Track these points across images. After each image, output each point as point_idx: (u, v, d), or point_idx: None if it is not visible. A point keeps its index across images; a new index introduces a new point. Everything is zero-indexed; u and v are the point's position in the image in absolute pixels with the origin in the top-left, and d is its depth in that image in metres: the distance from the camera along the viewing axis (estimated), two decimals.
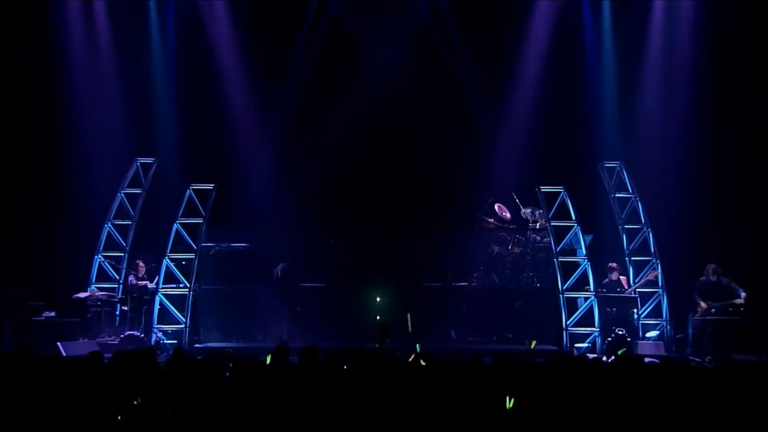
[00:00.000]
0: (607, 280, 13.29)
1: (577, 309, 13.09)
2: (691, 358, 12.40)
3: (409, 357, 7.67)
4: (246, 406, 5.66)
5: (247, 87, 16.06)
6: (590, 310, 12.86)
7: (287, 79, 16.08)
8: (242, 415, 5.58)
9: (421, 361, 7.13)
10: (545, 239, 14.00)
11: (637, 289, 13.42)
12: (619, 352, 7.44)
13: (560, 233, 13.27)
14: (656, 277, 13.43)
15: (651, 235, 13.75)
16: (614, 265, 13.44)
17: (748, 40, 14.50)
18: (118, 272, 13.90)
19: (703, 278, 12.70)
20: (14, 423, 5.33)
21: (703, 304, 12.57)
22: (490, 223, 14.85)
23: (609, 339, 12.70)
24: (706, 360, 11.79)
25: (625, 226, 14.02)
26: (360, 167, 15.97)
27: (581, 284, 13.10)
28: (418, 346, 9.45)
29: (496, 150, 16.02)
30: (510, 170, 15.67)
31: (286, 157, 15.96)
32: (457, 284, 14.36)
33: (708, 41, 14.80)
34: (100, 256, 13.84)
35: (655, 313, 13.58)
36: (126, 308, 13.14)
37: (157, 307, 13.08)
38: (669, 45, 15.40)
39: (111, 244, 13.99)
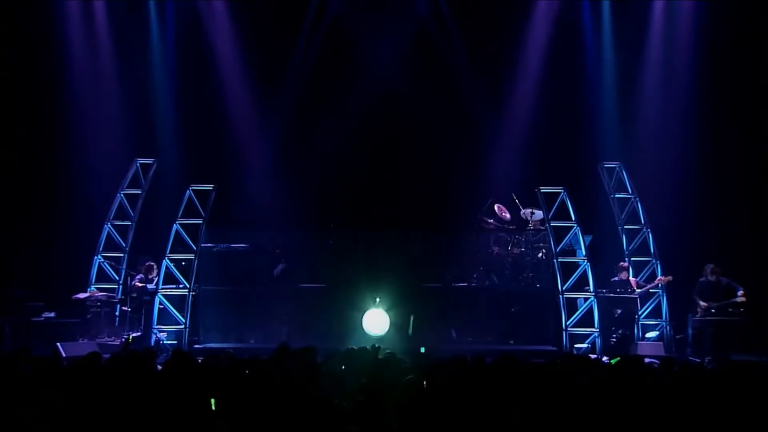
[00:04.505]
0: (617, 278, 13.26)
1: (577, 309, 13.08)
2: (690, 358, 12.39)
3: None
4: (245, 405, 5.65)
5: (247, 87, 16.06)
6: (590, 310, 12.84)
7: (287, 79, 16.10)
8: (242, 415, 5.58)
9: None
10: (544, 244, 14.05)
11: (640, 290, 13.38)
12: (613, 361, 7.44)
13: (560, 234, 13.26)
14: (668, 281, 13.41)
15: (651, 235, 13.75)
16: (625, 264, 13.40)
17: (747, 40, 14.50)
18: (118, 273, 13.90)
19: (702, 279, 12.69)
20: (9, 424, 5.33)
21: (702, 304, 12.56)
22: (490, 223, 14.83)
23: (613, 339, 12.72)
24: (706, 360, 11.78)
25: (625, 227, 14.02)
26: (360, 168, 15.95)
27: (581, 285, 13.09)
28: (422, 348, 9.46)
29: (495, 150, 16.03)
30: (510, 171, 15.67)
31: (286, 157, 15.96)
32: (457, 285, 14.35)
33: (708, 41, 14.81)
34: (99, 257, 13.85)
35: (655, 313, 13.59)
36: (126, 309, 13.14)
37: (156, 307, 13.07)
38: (669, 45, 15.41)
39: (111, 245, 13.99)
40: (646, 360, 8.96)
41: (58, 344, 11.98)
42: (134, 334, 12.63)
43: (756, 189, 14.54)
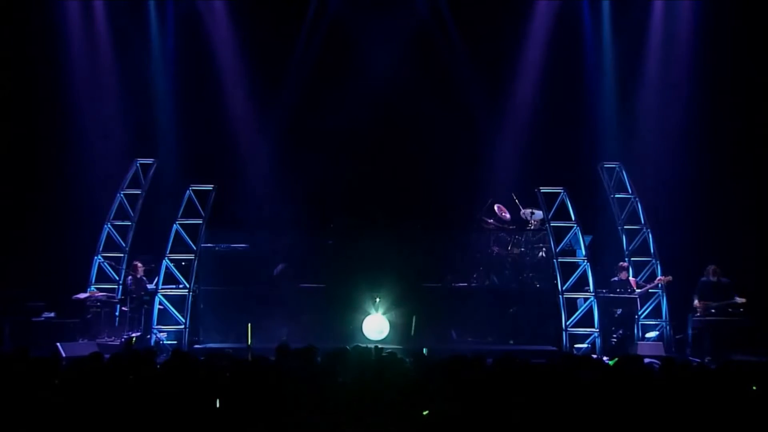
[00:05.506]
0: (616, 278, 13.26)
1: (577, 309, 13.08)
2: (690, 358, 12.39)
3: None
4: (244, 405, 5.65)
5: (247, 87, 16.07)
6: (590, 310, 12.85)
7: (287, 79, 16.09)
8: (240, 415, 5.58)
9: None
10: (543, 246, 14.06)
11: (640, 290, 13.38)
12: (611, 362, 7.45)
13: (560, 234, 13.27)
14: (668, 281, 13.43)
15: (650, 235, 13.77)
16: (624, 264, 13.40)
17: (747, 39, 14.50)
18: (118, 273, 13.90)
19: (704, 278, 12.74)
20: (8, 424, 5.34)
21: (697, 303, 12.62)
22: (490, 223, 14.83)
23: (613, 339, 12.73)
24: (706, 360, 11.77)
25: (625, 227, 14.03)
26: (359, 168, 15.95)
27: (581, 285, 13.10)
28: (425, 350, 9.45)
29: (495, 150, 16.03)
30: (510, 171, 15.68)
31: (285, 157, 15.96)
32: (457, 285, 14.35)
33: (707, 41, 14.81)
34: (99, 257, 13.85)
35: (655, 313, 13.60)
36: (126, 309, 13.14)
37: (156, 307, 13.07)
38: (669, 45, 15.41)
39: (111, 245, 13.99)
40: (646, 360, 8.97)
41: (58, 344, 12.01)
42: (134, 335, 12.65)
43: (756, 189, 14.53)
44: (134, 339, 12.37)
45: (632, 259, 13.87)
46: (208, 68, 15.94)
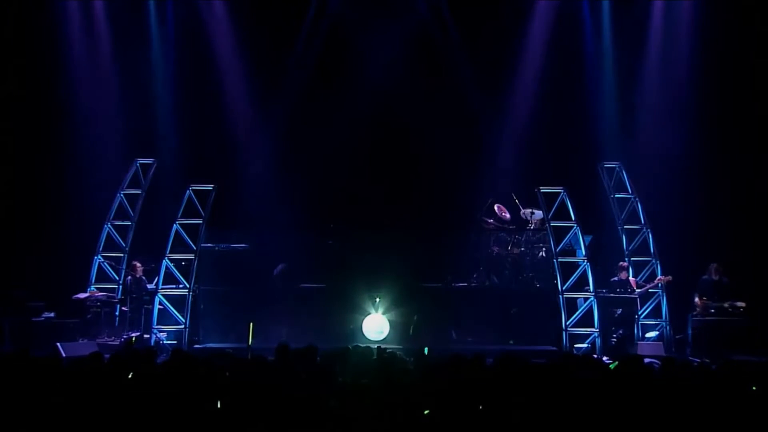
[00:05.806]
0: (616, 278, 13.25)
1: (577, 309, 13.08)
2: (690, 358, 12.39)
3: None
4: (244, 405, 5.65)
5: (247, 87, 16.07)
6: (590, 310, 12.85)
7: (287, 79, 16.08)
8: (240, 415, 5.58)
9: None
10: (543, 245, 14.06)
11: (640, 290, 13.38)
12: (612, 366, 7.45)
13: (560, 234, 13.26)
14: (668, 281, 13.44)
15: (651, 235, 13.77)
16: (624, 264, 13.39)
17: (746, 39, 14.50)
18: (118, 273, 13.91)
19: (705, 276, 12.76)
20: (9, 424, 5.34)
21: (697, 301, 12.62)
22: (490, 223, 14.84)
23: (613, 339, 12.74)
24: (706, 360, 11.75)
25: (625, 227, 14.03)
26: (359, 168, 15.95)
27: (581, 285, 13.09)
28: (426, 349, 9.46)
29: (495, 150, 16.03)
30: (510, 171, 15.68)
31: (286, 157, 15.96)
32: (457, 285, 14.35)
33: (707, 41, 14.81)
34: (99, 257, 13.85)
35: (655, 313, 13.61)
36: (126, 309, 13.14)
37: (156, 307, 13.07)
38: (669, 45, 15.41)
39: (111, 245, 14.00)
40: (646, 360, 8.98)
41: (58, 344, 12.00)
42: (134, 335, 12.66)
43: (756, 189, 14.53)
44: (134, 339, 12.37)
45: (632, 259, 13.87)
46: (208, 68, 15.94)
